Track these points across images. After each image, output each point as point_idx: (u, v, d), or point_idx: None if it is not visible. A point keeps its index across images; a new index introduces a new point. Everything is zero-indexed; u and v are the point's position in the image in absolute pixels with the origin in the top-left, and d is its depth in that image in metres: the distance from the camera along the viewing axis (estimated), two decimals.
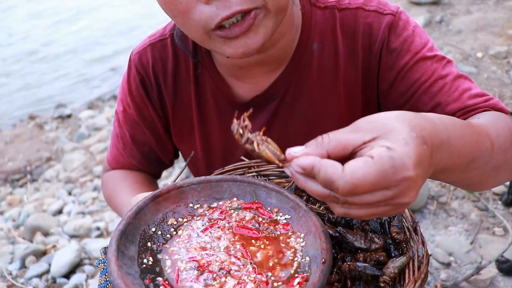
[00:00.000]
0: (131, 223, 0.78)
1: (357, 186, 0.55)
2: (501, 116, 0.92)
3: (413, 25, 1.03)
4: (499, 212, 2.28)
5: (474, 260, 2.06)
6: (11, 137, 5.04)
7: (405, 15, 1.04)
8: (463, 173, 0.77)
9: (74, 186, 3.80)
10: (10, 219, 3.35)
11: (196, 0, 0.83)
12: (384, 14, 1.02)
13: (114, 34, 7.80)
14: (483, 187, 0.92)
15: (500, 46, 3.81)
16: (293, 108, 1.11)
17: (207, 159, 1.24)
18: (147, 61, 1.14)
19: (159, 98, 1.17)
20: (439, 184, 2.54)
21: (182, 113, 1.18)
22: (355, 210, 0.60)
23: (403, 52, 1.01)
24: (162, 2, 0.87)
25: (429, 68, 0.99)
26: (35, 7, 9.80)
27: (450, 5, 4.82)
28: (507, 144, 0.84)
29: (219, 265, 0.74)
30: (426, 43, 1.02)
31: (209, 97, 1.14)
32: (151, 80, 1.15)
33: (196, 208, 0.87)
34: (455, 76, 1.00)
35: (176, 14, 0.87)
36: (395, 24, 1.01)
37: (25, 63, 7.20)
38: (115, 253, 0.71)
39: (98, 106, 5.58)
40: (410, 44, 1.01)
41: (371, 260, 0.77)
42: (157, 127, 1.22)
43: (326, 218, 0.89)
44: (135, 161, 1.28)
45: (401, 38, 1.01)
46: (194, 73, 1.13)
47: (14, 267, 2.62)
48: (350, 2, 1.04)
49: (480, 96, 0.97)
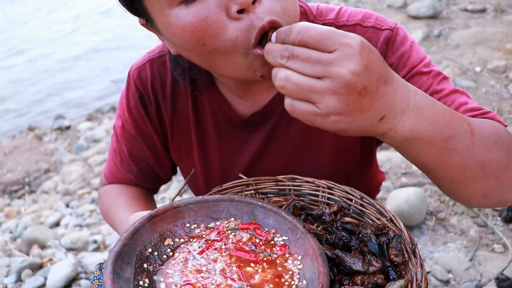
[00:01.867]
0: (127, 244, 0.78)
1: (309, 28, 0.66)
2: (494, 122, 0.90)
3: (411, 41, 1.03)
4: (498, 229, 2.26)
5: (473, 277, 2.04)
6: (10, 148, 5.04)
7: (402, 31, 1.04)
8: (442, 152, 0.76)
9: (72, 198, 3.78)
10: (8, 231, 3.33)
11: (225, 20, 0.79)
12: (382, 29, 1.02)
13: (115, 46, 7.83)
14: (471, 190, 0.85)
15: (498, 60, 3.82)
16: (292, 124, 1.11)
17: (206, 175, 1.23)
18: (146, 77, 1.14)
19: (157, 115, 1.17)
20: (438, 200, 2.54)
21: (181, 129, 1.18)
22: (296, 76, 0.67)
23: (400, 67, 1.01)
24: (189, 33, 0.81)
25: (425, 82, 0.99)
26: (36, 17, 9.85)
27: (449, 19, 4.85)
28: (491, 141, 0.82)
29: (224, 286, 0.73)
30: (423, 58, 1.02)
31: (208, 114, 1.14)
32: (149, 96, 1.15)
33: (193, 228, 0.87)
34: (451, 91, 0.99)
35: (207, 40, 0.81)
36: (393, 39, 1.02)
37: (25, 73, 7.22)
38: (111, 275, 0.70)
39: (97, 118, 5.58)
40: (407, 59, 1.01)
41: (369, 283, 0.77)
42: (155, 144, 1.22)
43: (324, 239, 0.88)
44: (133, 176, 1.27)
45: (398, 53, 1.01)
46: (191, 92, 1.13)
47: (10, 280, 2.60)
48: (348, 19, 1.05)
49: (477, 110, 0.96)
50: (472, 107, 0.96)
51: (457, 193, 0.86)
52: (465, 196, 0.86)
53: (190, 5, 0.79)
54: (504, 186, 0.85)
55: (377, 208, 0.94)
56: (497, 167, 0.82)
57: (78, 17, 9.64)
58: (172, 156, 1.25)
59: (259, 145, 1.15)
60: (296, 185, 1.06)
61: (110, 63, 7.16)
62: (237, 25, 0.79)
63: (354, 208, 0.99)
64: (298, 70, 0.67)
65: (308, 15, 1.07)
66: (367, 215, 0.96)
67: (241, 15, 0.79)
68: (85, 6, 10.14)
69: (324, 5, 1.10)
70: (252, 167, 1.19)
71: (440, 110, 0.75)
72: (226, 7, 0.79)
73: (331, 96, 0.65)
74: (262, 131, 1.13)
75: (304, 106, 0.67)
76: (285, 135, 1.13)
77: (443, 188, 0.87)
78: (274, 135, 1.13)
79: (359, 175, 1.27)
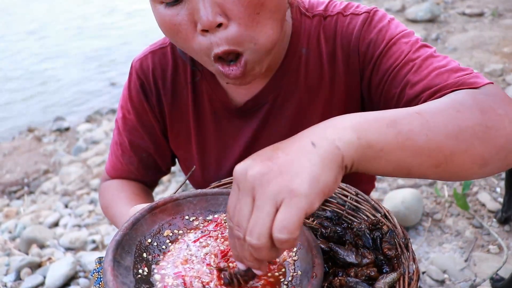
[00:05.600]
0: (127, 233, 0.80)
1: (228, 207, 0.62)
2: (453, 93, 0.82)
3: (390, 18, 1.04)
4: (494, 230, 2.29)
5: (468, 278, 2.06)
6: (10, 149, 5.05)
7: (381, 12, 1.06)
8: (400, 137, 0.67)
9: (71, 199, 3.80)
10: (7, 231, 3.35)
11: (194, 31, 0.86)
12: (360, 14, 1.05)
13: (114, 49, 7.86)
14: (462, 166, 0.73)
15: (495, 64, 3.86)
16: (283, 111, 1.14)
17: (202, 163, 1.26)
18: (147, 67, 1.18)
19: (157, 103, 1.20)
20: (434, 201, 2.56)
21: (180, 118, 1.21)
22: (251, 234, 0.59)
23: (378, 42, 1.01)
24: (163, 28, 0.91)
25: (403, 51, 0.96)
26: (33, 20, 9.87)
27: (446, 23, 4.88)
28: (452, 111, 0.73)
29: (210, 278, 0.75)
30: (402, 31, 1.01)
31: (206, 102, 1.18)
32: (150, 85, 1.19)
33: (192, 221, 0.89)
34: (428, 55, 0.94)
35: (177, 40, 0.90)
36: (370, 19, 1.03)
37: (25, 74, 7.23)
38: (111, 263, 0.72)
39: (96, 119, 5.60)
40: (385, 33, 1.01)
41: (362, 275, 0.79)
42: (156, 132, 1.25)
43: (319, 233, 0.90)
44: (133, 168, 1.30)
45: (376, 29, 1.02)
46: (192, 80, 1.16)
47: (9, 279, 2.62)
48: (332, 10, 1.09)
49: (454, 72, 0.88)
50: (449, 68, 0.89)
51: (452, 175, 0.75)
52: (462, 173, 0.75)
53: (168, 8, 0.86)
54: (497, 146, 0.74)
55: (371, 204, 0.96)
56: (476, 131, 0.72)
57: (80, 18, 9.66)
58: (171, 144, 1.28)
59: (252, 132, 1.18)
60: None
61: (110, 64, 7.19)
62: (201, 39, 0.86)
63: (349, 204, 1.01)
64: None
65: (300, 9, 1.11)
66: (362, 211, 0.98)
67: (205, 33, 0.85)
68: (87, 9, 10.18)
69: None
70: (247, 154, 1.22)
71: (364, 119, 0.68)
72: (195, 22, 0.85)
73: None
74: (256, 118, 1.16)
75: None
76: (277, 123, 1.16)
77: (437, 177, 0.76)
78: (267, 123, 1.16)
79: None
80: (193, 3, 0.83)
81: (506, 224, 2.32)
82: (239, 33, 0.85)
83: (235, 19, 0.84)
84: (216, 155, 1.24)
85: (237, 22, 0.84)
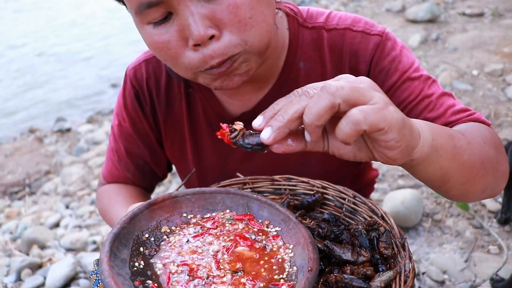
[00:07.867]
0: (125, 227, 0.81)
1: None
2: (476, 124, 0.96)
3: (401, 45, 1.06)
4: (494, 230, 2.29)
5: (468, 278, 2.06)
6: (11, 150, 5.06)
7: (392, 35, 1.07)
8: (454, 150, 0.78)
9: (72, 199, 3.80)
10: (8, 231, 3.35)
11: (184, 47, 0.87)
12: (371, 34, 1.05)
13: (116, 49, 7.87)
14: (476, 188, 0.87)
15: (495, 64, 3.86)
16: None
17: (200, 173, 1.26)
18: (141, 76, 1.18)
19: (152, 112, 1.21)
20: (434, 202, 2.56)
21: (174, 128, 1.22)
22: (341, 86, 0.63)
23: (391, 72, 1.04)
24: (152, 48, 0.91)
25: (416, 87, 1.03)
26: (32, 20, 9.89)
27: (446, 23, 4.88)
28: (481, 140, 0.88)
29: (208, 271, 0.76)
30: (412, 63, 1.05)
31: (200, 113, 1.18)
32: (145, 94, 1.19)
33: (189, 218, 0.90)
34: (440, 94, 1.03)
35: (166, 58, 0.91)
36: (383, 44, 1.05)
37: (26, 74, 7.25)
38: (108, 254, 0.73)
39: (97, 120, 5.61)
40: (398, 64, 1.04)
41: (358, 273, 0.79)
42: (151, 140, 1.25)
43: (316, 233, 0.91)
44: (130, 174, 1.30)
45: (389, 57, 1.04)
46: (185, 91, 1.16)
47: (10, 279, 2.62)
48: (338, 23, 1.08)
49: (463, 112, 1.01)
50: (459, 109, 1.01)
51: (463, 194, 0.87)
52: (469, 195, 0.89)
53: (156, 27, 0.87)
54: (497, 179, 0.91)
55: (369, 206, 0.97)
56: (492, 163, 0.88)
57: (80, 19, 9.68)
58: (166, 152, 1.28)
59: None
60: (292, 185, 1.09)
61: (111, 65, 7.20)
62: (192, 54, 0.87)
63: (347, 207, 1.01)
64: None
65: (297, 19, 1.09)
66: (360, 213, 0.98)
67: (197, 47, 0.86)
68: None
69: (314, 9, 1.12)
70: (246, 163, 1.22)
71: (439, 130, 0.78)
72: (185, 38, 0.86)
73: (373, 91, 0.63)
74: None
75: (366, 107, 0.60)
76: None
77: (453, 192, 0.87)
78: None
79: (350, 171, 1.29)
80: (182, 20, 0.84)
81: (506, 224, 2.32)
82: (233, 41, 0.86)
83: (227, 28, 0.85)
84: (214, 164, 1.24)
85: (229, 30, 0.85)
